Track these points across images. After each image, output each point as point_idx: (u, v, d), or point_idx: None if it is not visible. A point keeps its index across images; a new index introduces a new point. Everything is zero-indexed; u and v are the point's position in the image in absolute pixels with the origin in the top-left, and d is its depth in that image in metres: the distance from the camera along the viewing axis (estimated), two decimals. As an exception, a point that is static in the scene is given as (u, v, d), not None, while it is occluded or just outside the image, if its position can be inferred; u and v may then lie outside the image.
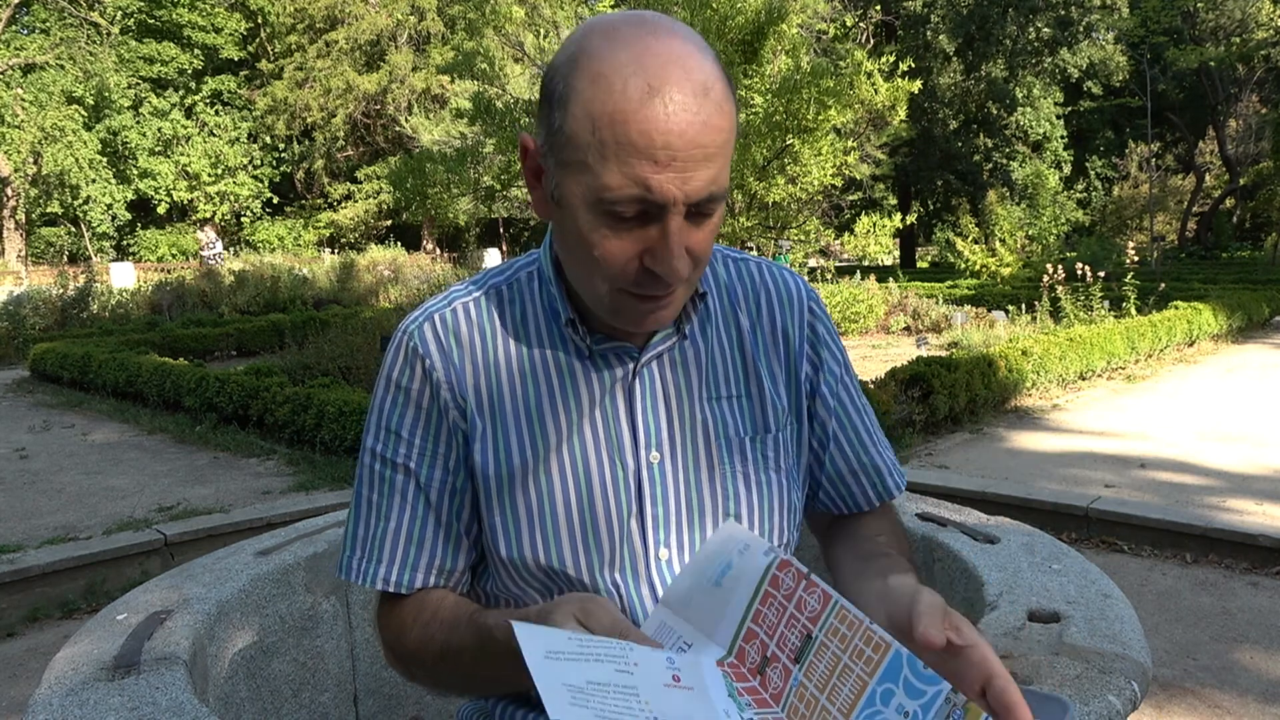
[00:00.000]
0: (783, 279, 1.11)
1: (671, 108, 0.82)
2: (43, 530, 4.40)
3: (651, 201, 0.83)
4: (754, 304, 1.08)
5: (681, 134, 0.82)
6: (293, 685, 1.59)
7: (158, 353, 9.28)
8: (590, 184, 0.85)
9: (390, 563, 1.02)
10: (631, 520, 0.99)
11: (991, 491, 4.31)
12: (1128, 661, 1.14)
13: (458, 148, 15.55)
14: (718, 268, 1.09)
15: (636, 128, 0.82)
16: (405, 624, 1.03)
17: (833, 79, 11.76)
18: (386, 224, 34.88)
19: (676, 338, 1.02)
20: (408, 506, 1.02)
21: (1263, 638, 3.06)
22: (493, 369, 1.01)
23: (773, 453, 1.05)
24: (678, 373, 1.03)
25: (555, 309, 1.01)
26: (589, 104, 0.84)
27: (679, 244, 0.85)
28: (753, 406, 1.05)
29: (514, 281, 1.06)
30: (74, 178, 29.00)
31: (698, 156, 0.83)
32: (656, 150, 0.82)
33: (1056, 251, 17.52)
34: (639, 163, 0.82)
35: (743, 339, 1.06)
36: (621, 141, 0.82)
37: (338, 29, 33.49)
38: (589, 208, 0.86)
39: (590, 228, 0.87)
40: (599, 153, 0.83)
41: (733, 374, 1.05)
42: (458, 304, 1.04)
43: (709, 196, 0.85)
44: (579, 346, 1.01)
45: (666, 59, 0.84)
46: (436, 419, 1.01)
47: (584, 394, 1.01)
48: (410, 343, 1.02)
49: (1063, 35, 28.50)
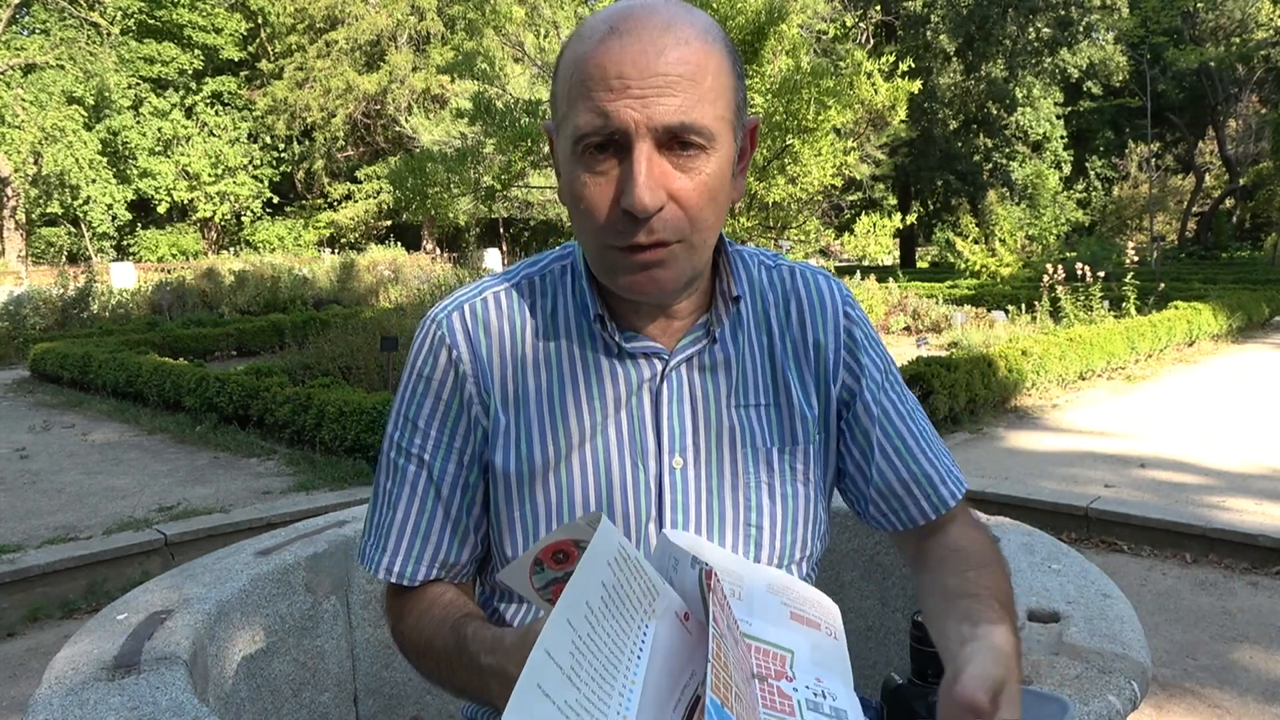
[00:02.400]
0: (815, 284, 1.07)
1: (626, 40, 0.84)
2: (43, 530, 4.40)
3: (614, 129, 0.84)
4: (784, 311, 1.05)
5: (634, 61, 0.84)
6: (293, 685, 1.59)
7: (158, 353, 9.28)
8: (569, 133, 0.87)
9: (395, 553, 1.02)
10: (650, 525, 0.98)
11: (991, 491, 4.31)
12: (1128, 661, 1.14)
13: (458, 148, 15.53)
14: (753, 272, 1.06)
15: (594, 62, 0.85)
16: (403, 612, 1.03)
17: (833, 79, 11.75)
18: (386, 224, 34.87)
19: (707, 341, 1.00)
20: (417, 498, 1.02)
21: (1263, 638, 3.06)
22: (520, 362, 1.00)
23: (801, 465, 1.03)
24: (706, 378, 1.01)
25: (585, 303, 1.00)
26: (566, 59, 0.89)
27: (644, 172, 0.84)
28: (780, 417, 1.02)
29: (547, 273, 1.04)
30: (74, 178, 28.99)
31: (657, 83, 0.83)
32: (610, 79, 0.84)
33: (1056, 251, 17.53)
34: (597, 94, 0.84)
35: (773, 347, 1.04)
36: (583, 79, 0.85)
37: (338, 29, 33.48)
38: (572, 158, 0.88)
39: (575, 179, 0.88)
40: (570, 99, 0.87)
41: (762, 382, 1.03)
42: (489, 293, 1.03)
43: (679, 125, 0.84)
44: (608, 344, 0.99)
45: (634, 6, 0.87)
46: (456, 411, 1.01)
47: (610, 393, 0.99)
48: (438, 331, 1.01)
49: (1063, 35, 28.49)
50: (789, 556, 1.04)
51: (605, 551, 0.70)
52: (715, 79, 0.87)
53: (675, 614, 0.75)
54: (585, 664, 0.66)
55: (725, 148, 0.89)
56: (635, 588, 0.72)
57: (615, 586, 0.70)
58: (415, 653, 1.00)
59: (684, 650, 0.74)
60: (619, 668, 0.69)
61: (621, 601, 0.71)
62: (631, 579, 0.72)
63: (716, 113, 0.87)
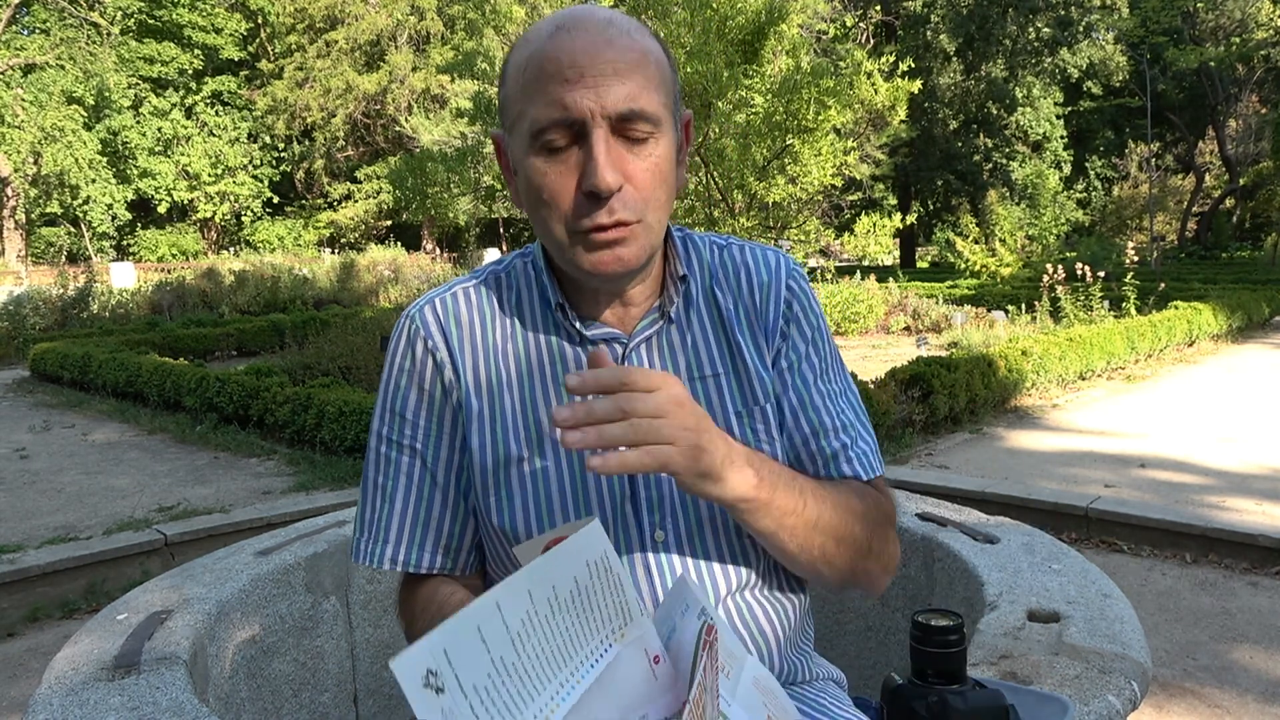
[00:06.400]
0: (763, 257, 1.11)
1: (574, 35, 0.91)
2: (43, 530, 4.40)
3: (572, 119, 0.89)
4: (735, 282, 1.09)
5: (585, 51, 0.90)
6: (293, 685, 1.59)
7: (158, 353, 9.28)
8: (526, 128, 0.92)
9: (398, 543, 1.05)
10: (626, 504, 1.01)
11: (991, 491, 4.31)
12: (1128, 661, 1.14)
13: (458, 148, 15.55)
14: (703, 253, 1.10)
15: (547, 57, 0.90)
16: (414, 611, 1.06)
17: (833, 79, 11.76)
18: (386, 224, 34.89)
19: (662, 322, 1.04)
20: (414, 487, 1.05)
21: (1263, 638, 3.06)
22: (491, 352, 1.05)
23: (762, 425, 1.05)
24: (664, 357, 1.05)
25: (547, 295, 1.04)
26: (516, 62, 0.95)
27: (603, 154, 0.89)
28: (739, 382, 1.05)
29: (511, 269, 1.09)
30: (74, 178, 29.00)
31: (607, 71, 0.89)
32: (565, 70, 0.89)
33: (1056, 251, 17.54)
34: (553, 86, 0.89)
35: (724, 317, 1.07)
36: (538, 75, 0.91)
37: (338, 29, 33.49)
38: (531, 152, 0.92)
39: (535, 171, 0.93)
40: (525, 95, 0.92)
41: (715, 353, 1.06)
42: (458, 289, 1.08)
43: (629, 111, 0.90)
44: (569, 331, 1.03)
45: (575, 9, 0.94)
46: (440, 399, 1.04)
47: None
48: (412, 325, 1.06)
49: (1063, 35, 28.50)
50: None
51: (588, 550, 0.71)
52: (657, 69, 0.94)
53: (645, 651, 0.75)
54: (532, 640, 0.65)
55: (668, 134, 0.96)
56: (608, 601, 0.72)
57: (588, 588, 0.70)
58: None
59: (642, 689, 0.73)
60: (564, 665, 0.68)
61: (589, 605, 0.71)
62: (606, 590, 0.72)
63: (660, 100, 0.94)
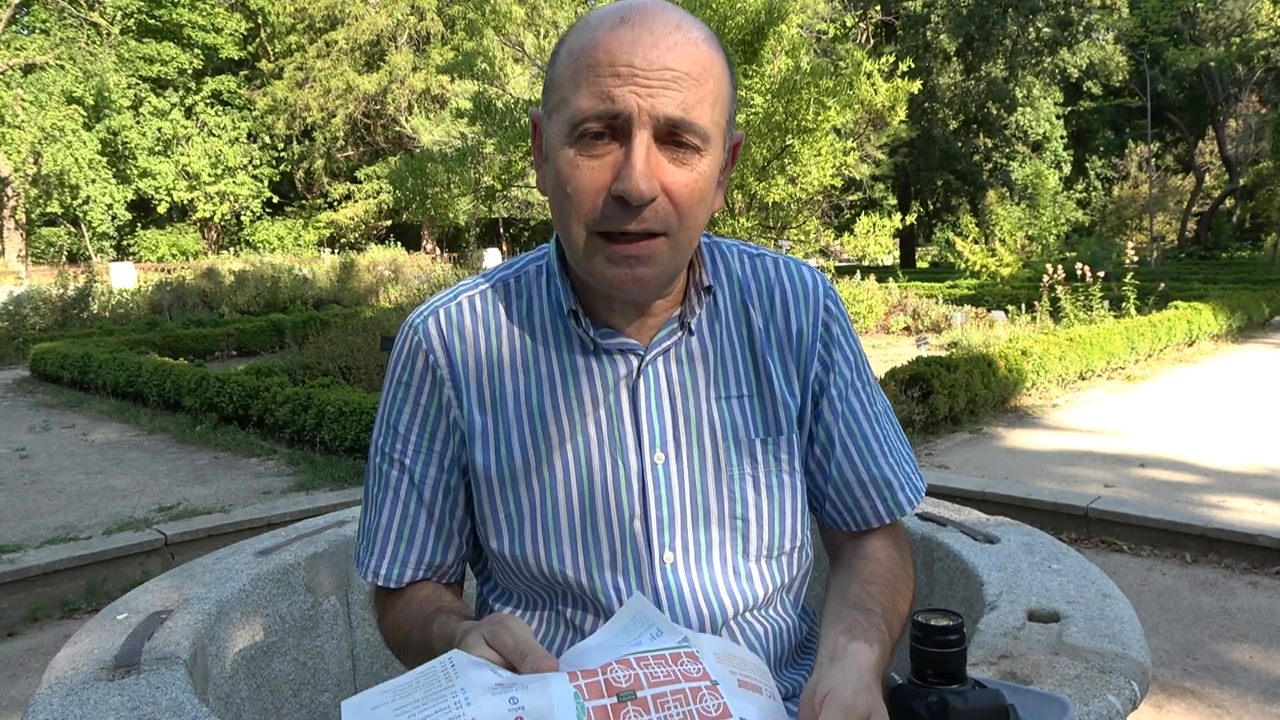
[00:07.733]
0: (799, 275, 1.06)
1: (638, 30, 0.85)
2: (43, 530, 4.40)
3: (616, 113, 0.84)
4: (768, 301, 1.04)
5: (644, 54, 0.85)
6: (293, 685, 1.59)
7: (158, 353, 9.28)
8: (567, 116, 0.87)
9: (381, 556, 1.04)
10: (635, 523, 0.97)
11: (991, 491, 4.31)
12: (1127, 661, 1.14)
13: (458, 148, 15.53)
14: (732, 263, 1.06)
15: (603, 48, 0.85)
16: (386, 610, 1.06)
17: (833, 79, 11.75)
18: (386, 224, 34.87)
19: (682, 333, 1.00)
20: (400, 503, 1.03)
21: (1262, 638, 3.07)
22: (496, 364, 1.00)
23: (786, 455, 1.02)
24: (683, 370, 1.00)
25: (560, 301, 1.00)
26: (570, 46, 0.89)
27: (641, 159, 0.84)
28: (763, 407, 1.02)
29: (522, 275, 1.04)
30: (74, 178, 28.98)
31: (665, 77, 0.85)
32: (619, 65, 0.84)
33: (1056, 251, 17.53)
34: (604, 79, 0.85)
35: (753, 337, 1.03)
36: (590, 64, 0.86)
37: (338, 29, 33.47)
38: (566, 140, 0.88)
39: (567, 162, 0.88)
40: (574, 82, 0.87)
41: (742, 372, 1.02)
42: (463, 298, 1.03)
43: (680, 121, 0.85)
44: (583, 341, 0.99)
45: (646, 2, 0.88)
46: (435, 415, 1.01)
47: (586, 391, 0.99)
48: (415, 337, 1.02)
49: (1063, 35, 28.49)
50: (778, 548, 1.03)
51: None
52: (717, 84, 0.89)
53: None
54: None
55: (716, 153, 0.91)
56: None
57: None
58: (397, 648, 1.04)
59: None
60: None
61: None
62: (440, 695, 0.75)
63: (714, 117, 0.89)
